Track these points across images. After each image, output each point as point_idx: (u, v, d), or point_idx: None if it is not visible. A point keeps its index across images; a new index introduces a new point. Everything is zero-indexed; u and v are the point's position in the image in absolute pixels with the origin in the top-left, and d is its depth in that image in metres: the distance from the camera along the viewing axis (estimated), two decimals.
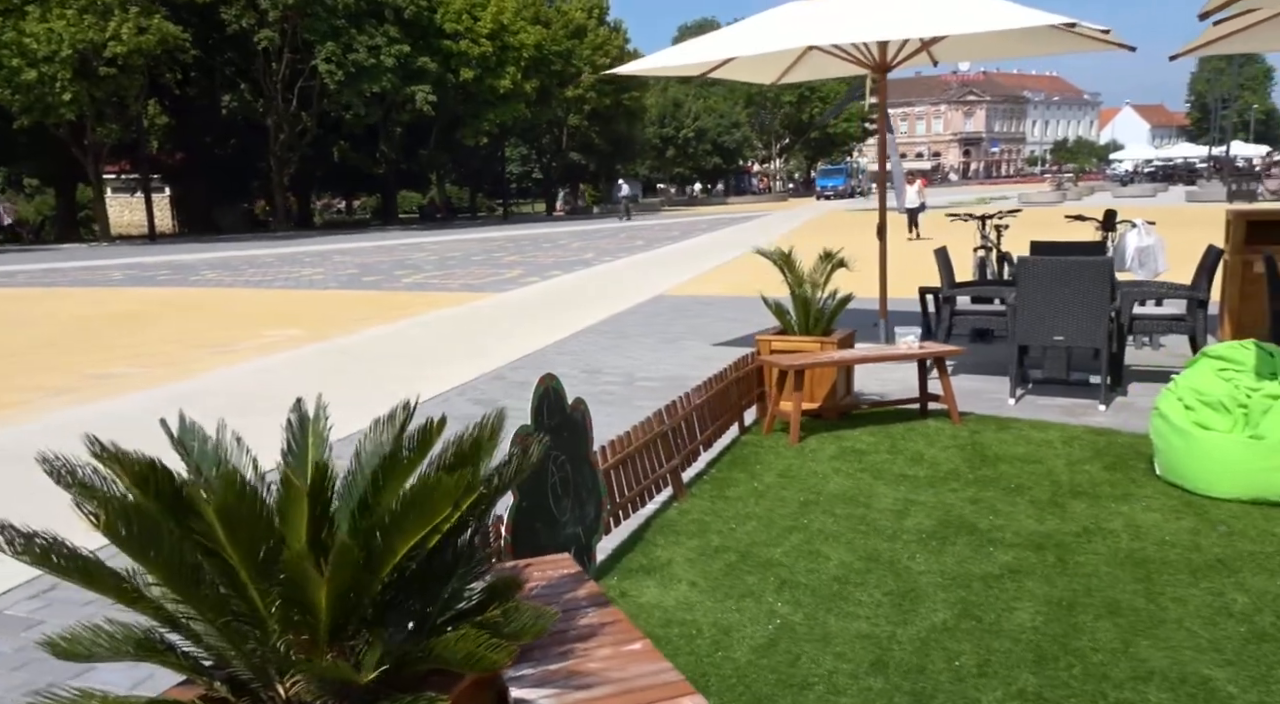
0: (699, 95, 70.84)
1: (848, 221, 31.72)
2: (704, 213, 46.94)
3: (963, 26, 6.48)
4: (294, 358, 8.19)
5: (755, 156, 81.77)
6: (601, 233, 28.82)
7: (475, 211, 55.19)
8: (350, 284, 14.78)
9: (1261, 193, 39.01)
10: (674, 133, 63.36)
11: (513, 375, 7.25)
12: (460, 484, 1.56)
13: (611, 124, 52.45)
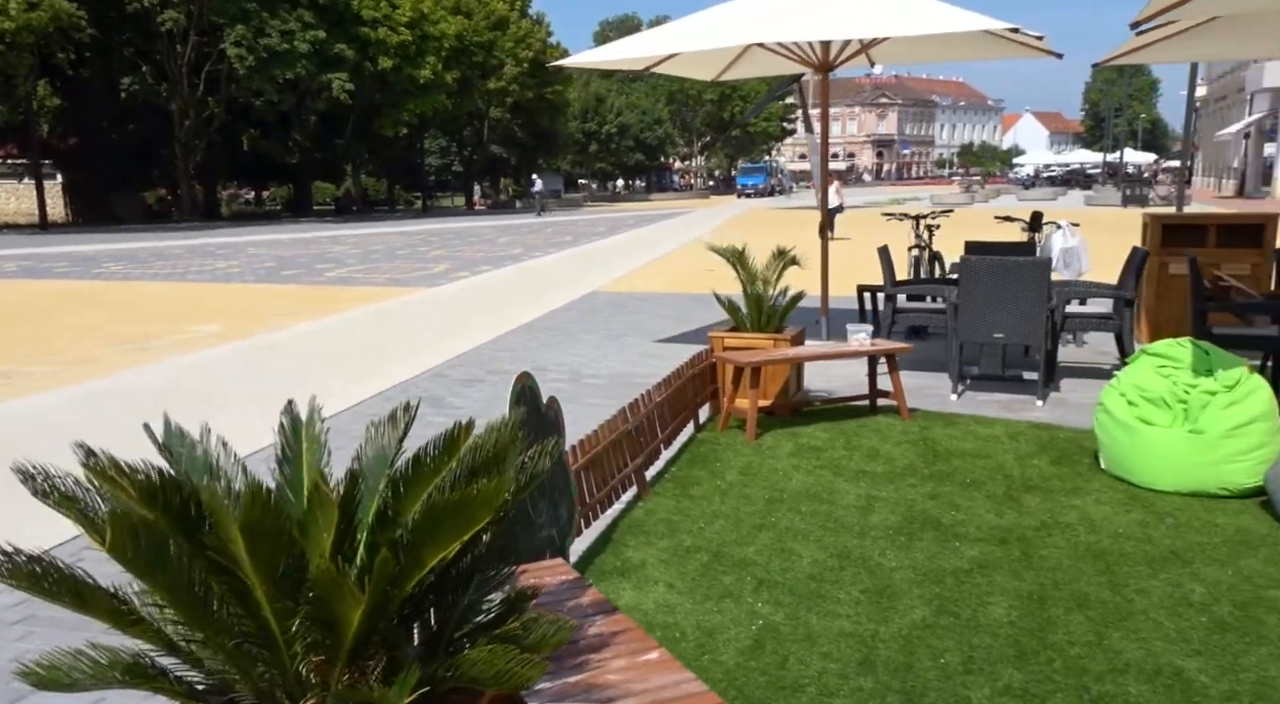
0: (621, 91, 70.85)
1: (772, 219, 32.18)
2: (627, 209, 46.97)
3: (908, 29, 6.60)
4: (218, 355, 7.85)
5: (677, 154, 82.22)
6: (527, 228, 28.55)
7: (393, 204, 54.04)
8: (269, 278, 14.28)
9: (1152, 198, 40.97)
10: (597, 128, 63.24)
11: (454, 373, 7.09)
12: (501, 491, 1.48)
13: (534, 118, 52.02)
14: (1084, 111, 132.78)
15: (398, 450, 1.76)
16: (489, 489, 1.47)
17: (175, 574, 1.41)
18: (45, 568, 1.42)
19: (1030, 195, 52.68)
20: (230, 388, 6.56)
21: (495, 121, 51.85)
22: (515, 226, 29.40)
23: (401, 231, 27.91)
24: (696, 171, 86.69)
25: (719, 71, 8.88)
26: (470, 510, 1.49)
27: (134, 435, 5.31)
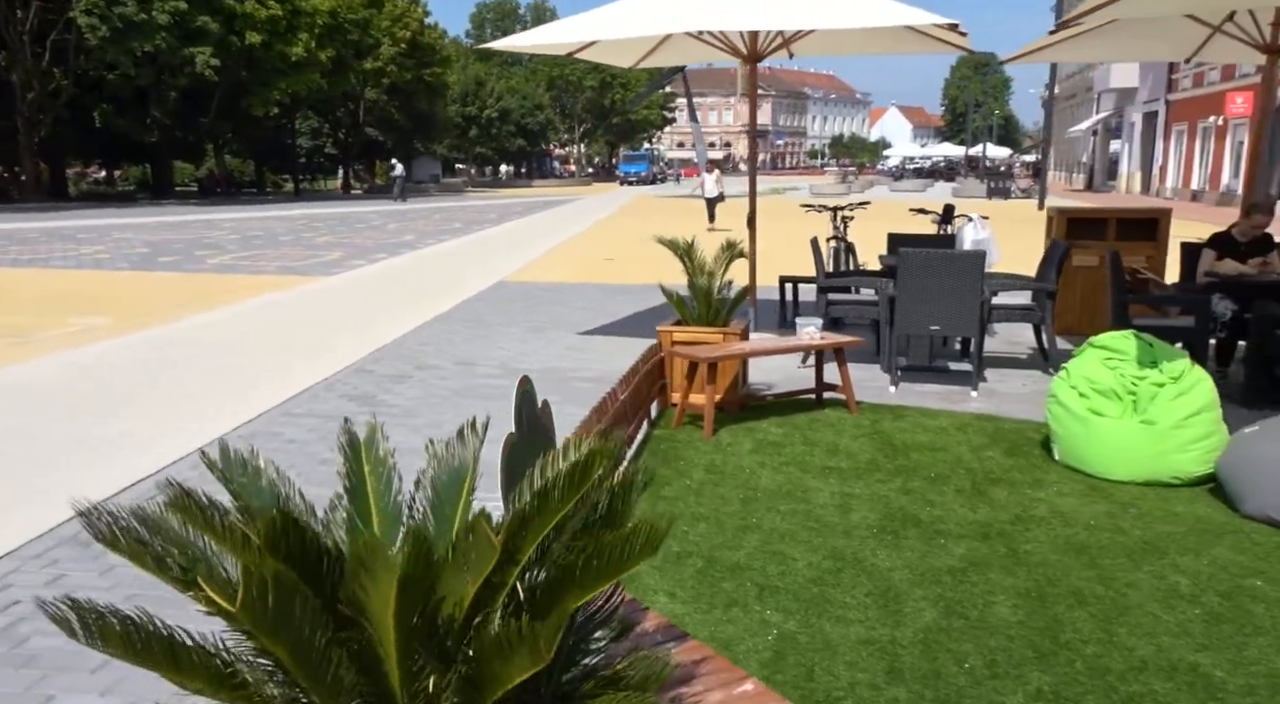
0: (501, 75, 69.67)
1: (662, 207, 32.27)
2: (512, 195, 46.27)
3: (838, 21, 6.61)
4: (111, 352, 7.22)
5: (558, 140, 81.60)
6: (414, 213, 27.69)
7: (263, 187, 51.50)
8: (145, 265, 13.31)
9: (1014, 191, 43.29)
10: (477, 112, 61.97)
11: (378, 368, 6.74)
12: (662, 528, 1.33)
13: (412, 100, 50.51)
14: (944, 107, 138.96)
15: (547, 482, 1.55)
16: (649, 528, 1.32)
17: (301, 633, 1.20)
18: (135, 627, 1.19)
19: (902, 186, 54.84)
20: (133, 388, 6.02)
21: (371, 103, 50.11)
22: (401, 212, 28.48)
23: (279, 216, 26.61)
24: (577, 158, 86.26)
25: (640, 58, 8.74)
26: (630, 549, 1.33)
27: (31, 441, 4.85)
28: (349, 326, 8.45)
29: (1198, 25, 7.35)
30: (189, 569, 1.27)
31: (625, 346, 7.55)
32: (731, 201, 28.98)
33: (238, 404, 5.66)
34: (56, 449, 4.73)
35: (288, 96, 40.30)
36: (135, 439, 4.91)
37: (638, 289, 11.09)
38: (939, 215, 8.90)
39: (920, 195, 45.70)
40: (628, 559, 1.33)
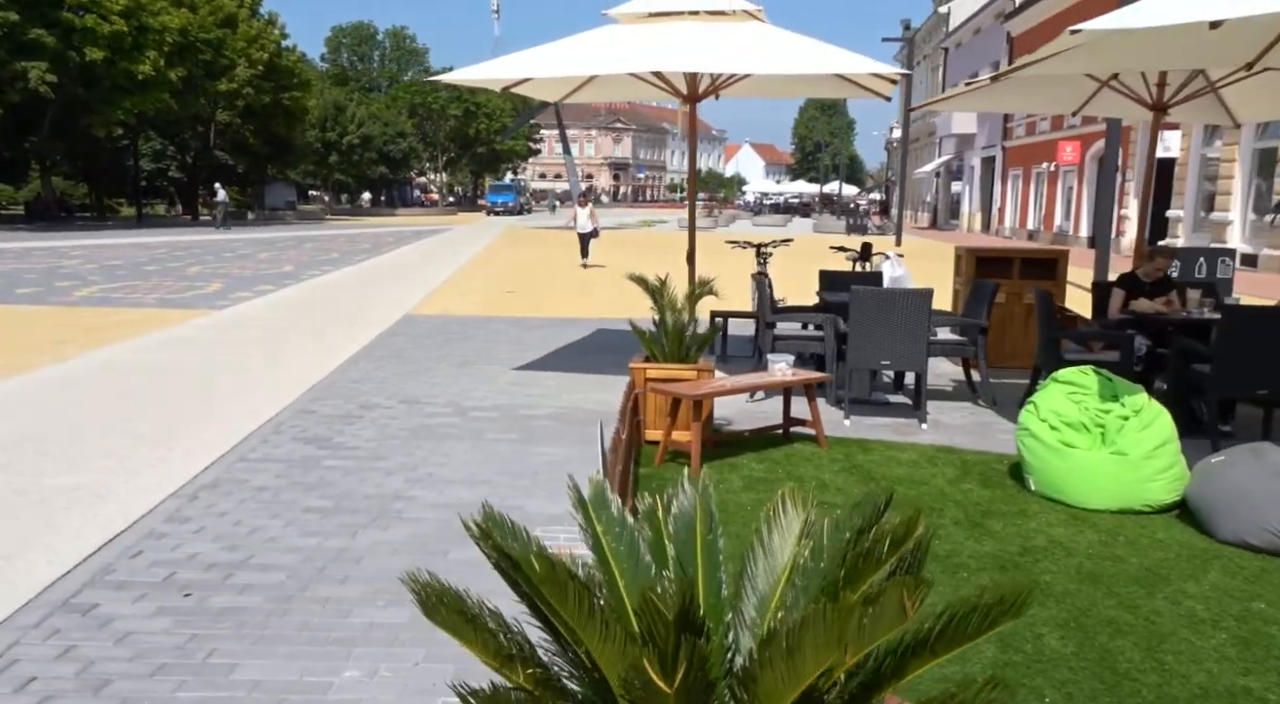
0: (361, 101, 67.98)
1: (538, 238, 32.13)
2: (376, 224, 45.05)
3: (777, 67, 6.84)
4: (12, 393, 6.54)
5: (421, 168, 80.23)
6: (282, 242, 26.49)
7: (102, 212, 48.12)
8: (2, 297, 12.16)
9: (870, 227, 45.67)
10: (337, 138, 60.14)
11: (320, 408, 6.38)
12: (1026, 596, 1.32)
13: (269, 124, 48.55)
14: (794, 145, 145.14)
15: (852, 546, 1.51)
16: (1017, 590, 1.31)
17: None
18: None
19: (762, 221, 56.81)
20: (58, 434, 5.47)
21: (223, 126, 47.83)
22: (267, 240, 27.22)
23: (133, 244, 24.89)
24: (440, 187, 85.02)
25: (568, 93, 8.74)
26: (973, 625, 1.31)
27: None
28: (269, 363, 7.99)
29: (1089, 81, 8.01)
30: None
31: (569, 382, 7.47)
32: (605, 235, 29.25)
33: (185, 450, 5.24)
34: (3, 508, 4.24)
35: (133, 116, 37.97)
36: (90, 492, 4.46)
37: (550, 323, 11.02)
38: (856, 253, 9.27)
39: (781, 229, 47.44)
40: (987, 625, 1.31)
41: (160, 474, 4.82)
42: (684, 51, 6.60)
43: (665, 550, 1.67)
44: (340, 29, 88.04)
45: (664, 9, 6.98)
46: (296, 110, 50.37)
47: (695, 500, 1.73)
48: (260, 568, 3.69)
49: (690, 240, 7.75)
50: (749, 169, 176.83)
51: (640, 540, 1.66)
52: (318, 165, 62.87)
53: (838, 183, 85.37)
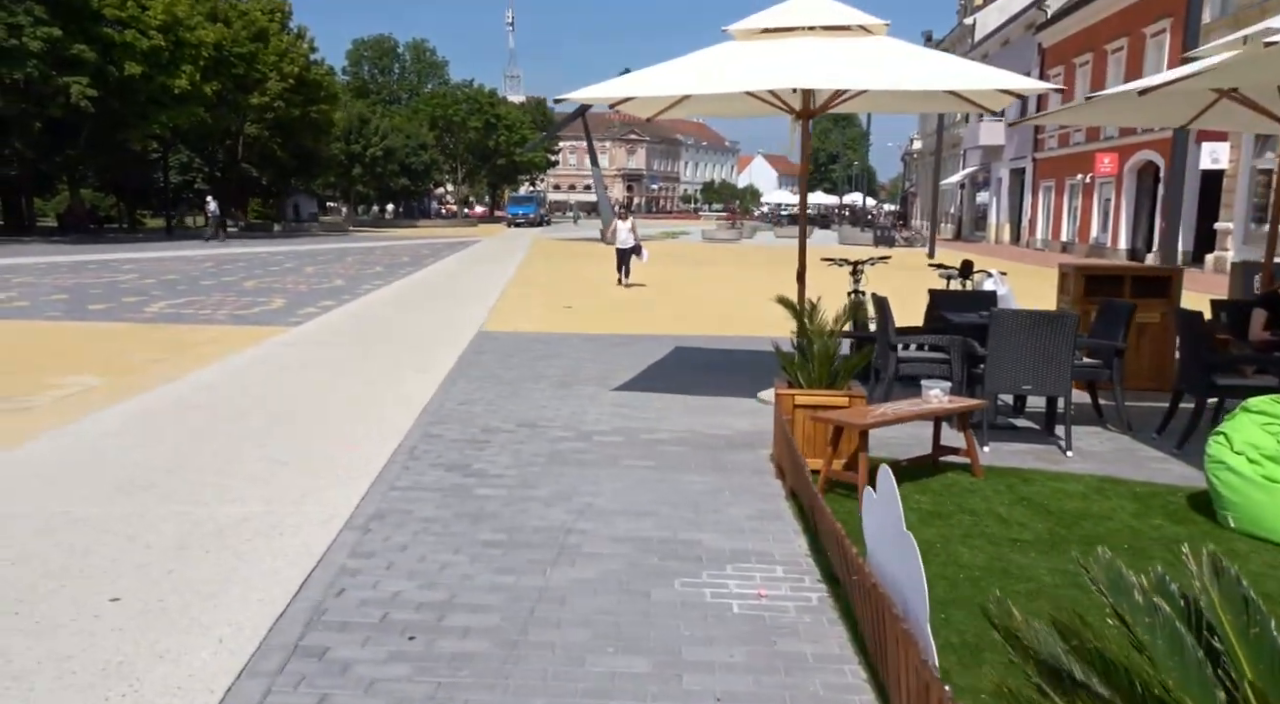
0: (385, 113, 68.34)
1: (569, 251, 32.07)
2: (402, 236, 45.18)
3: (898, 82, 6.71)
4: (135, 416, 6.45)
5: (443, 179, 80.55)
6: (321, 254, 26.52)
7: (133, 224, 48.37)
8: (78, 313, 12.12)
9: (897, 239, 45.48)
10: (361, 150, 60.39)
11: (444, 433, 6.26)
12: None
13: (296, 136, 48.82)
14: None
15: None
16: None
17: None
18: None
19: (785, 232, 56.60)
20: (198, 461, 5.37)
21: (252, 139, 48.09)
22: (307, 254, 27.25)
23: (179, 257, 24.97)
24: (460, 199, 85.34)
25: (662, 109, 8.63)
26: None
27: (129, 539, 4.27)
28: (367, 383, 7.89)
29: (1206, 94, 7.84)
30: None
31: (675, 404, 7.33)
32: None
33: (331, 477, 5.14)
34: (169, 547, 4.12)
35: (168, 130, 38.20)
36: (263, 523, 4.36)
37: (625, 340, 10.90)
38: (956, 270, 9.10)
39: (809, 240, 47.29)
40: None
41: (321, 504, 4.71)
42: (804, 69, 6.49)
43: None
44: (361, 42, 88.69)
45: (782, 25, 6.88)
46: (323, 123, 50.64)
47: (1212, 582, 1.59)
48: (470, 609, 3.57)
49: (800, 259, 7.64)
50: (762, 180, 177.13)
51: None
52: (340, 177, 63.17)
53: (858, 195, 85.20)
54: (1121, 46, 32.04)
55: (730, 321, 12.80)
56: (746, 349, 10.30)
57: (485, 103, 77.36)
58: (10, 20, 29.69)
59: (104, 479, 4.98)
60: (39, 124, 34.83)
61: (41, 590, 3.57)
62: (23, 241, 33.78)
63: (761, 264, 27.15)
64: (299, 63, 45.89)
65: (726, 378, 8.58)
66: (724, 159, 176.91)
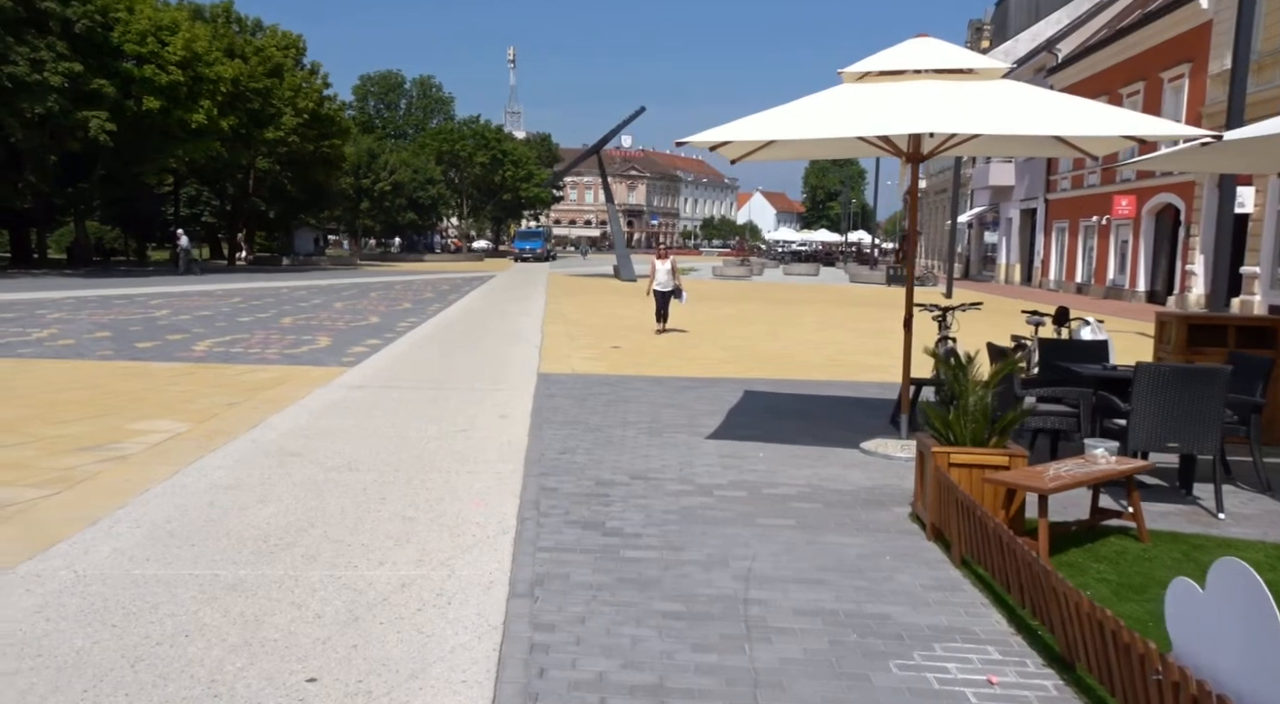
0: (394, 148, 68.60)
1: (585, 287, 31.87)
2: (413, 270, 45.09)
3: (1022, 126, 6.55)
4: (238, 465, 6.18)
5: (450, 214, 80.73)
6: (343, 290, 26.28)
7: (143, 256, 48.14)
8: (128, 352, 11.84)
9: None
10: (370, 185, 60.51)
11: (560, 485, 5.99)
12: None
13: (308, 171, 48.88)
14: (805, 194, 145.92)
15: None
16: None
17: None
18: None
19: (795, 269, 56.67)
20: (321, 521, 5.10)
21: (263, 173, 48.12)
22: (328, 289, 27.02)
23: (202, 292, 24.73)
24: (464, 233, 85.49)
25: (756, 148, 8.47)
26: None
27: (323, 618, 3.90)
28: (452, 429, 7.62)
29: None
30: None
31: (780, 455, 7.07)
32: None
33: (471, 537, 4.87)
34: (342, 619, 3.84)
35: (185, 164, 38.16)
36: (428, 591, 4.08)
37: (692, 384, 10.68)
38: (1047, 317, 8.90)
39: (815, 279, 47.28)
40: None
41: (474, 567, 4.44)
42: (920, 114, 6.34)
43: None
44: (368, 78, 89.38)
45: (896, 68, 6.75)
46: (334, 158, 50.75)
47: None
48: (689, 695, 3.30)
49: (907, 305, 7.44)
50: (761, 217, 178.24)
51: None
52: (347, 211, 63.24)
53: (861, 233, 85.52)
54: (1138, 91, 32.27)
55: (785, 364, 12.60)
56: (815, 394, 10.09)
57: (492, 138, 77.84)
58: (33, 55, 29.73)
59: (239, 538, 4.71)
60: (54, 157, 34.76)
61: (230, 668, 3.29)
62: (34, 274, 33.57)
63: (785, 302, 27.04)
64: (313, 98, 46.08)
65: (813, 425, 8.35)
66: (723, 195, 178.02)
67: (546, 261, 63.43)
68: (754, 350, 14.44)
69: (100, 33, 32.42)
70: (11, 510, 5.05)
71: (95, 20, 32.14)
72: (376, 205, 62.31)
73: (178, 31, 35.03)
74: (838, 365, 12.63)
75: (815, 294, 32.72)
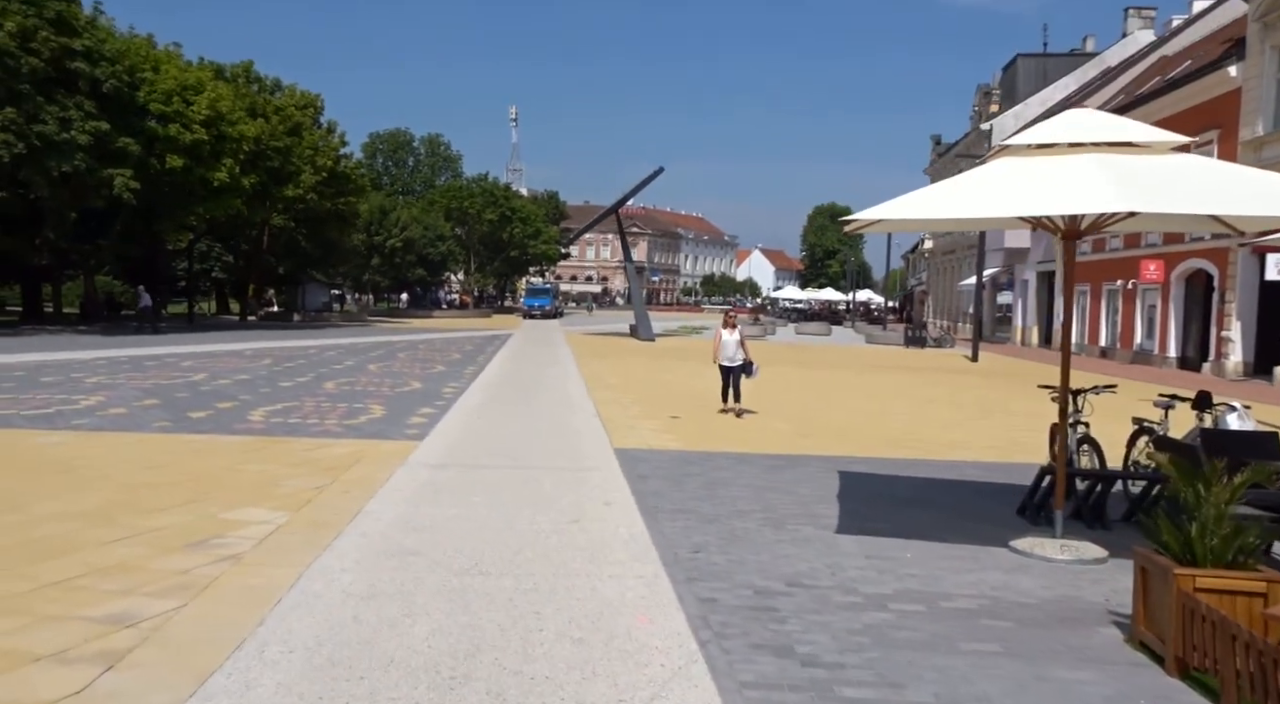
0: (405, 205, 68.85)
1: (612, 348, 31.34)
2: (425, 327, 44.71)
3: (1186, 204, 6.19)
4: (361, 568, 5.64)
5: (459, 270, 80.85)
6: (369, 350, 25.79)
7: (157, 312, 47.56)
8: (183, 425, 11.29)
9: (928, 339, 45.30)
10: (382, 241, 60.53)
11: (718, 596, 5.45)
12: None
13: (322, 228, 48.81)
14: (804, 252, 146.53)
15: None
16: None
17: None
18: None
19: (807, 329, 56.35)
20: (489, 645, 4.55)
21: (278, 229, 48.02)
22: (353, 348, 26.55)
23: (229, 351, 24.27)
24: (469, 289, 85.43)
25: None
26: None
27: None
28: (572, 523, 7.10)
29: None
30: None
31: (929, 556, 6.55)
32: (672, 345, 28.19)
33: (659, 668, 4.33)
34: None
35: (205, 222, 37.99)
36: None
37: (779, 462, 10.22)
38: (1183, 402, 8.39)
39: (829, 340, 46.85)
40: None
41: None
42: (1088, 192, 5.97)
43: None
44: (378, 136, 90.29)
45: (1059, 141, 6.41)
46: (349, 214, 50.72)
47: None
48: None
49: (1063, 390, 6.97)
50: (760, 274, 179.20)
51: None
52: (358, 268, 63.13)
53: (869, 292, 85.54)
54: None
55: (860, 439, 12.16)
56: (915, 477, 9.64)
57: (500, 195, 78.31)
58: (62, 114, 29.67)
59: (407, 668, 4.17)
60: (75, 214, 34.53)
61: None
62: (49, 331, 33.12)
63: (816, 365, 26.67)
64: (330, 156, 46.21)
65: (936, 515, 7.86)
66: (723, 252, 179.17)
67: (555, 318, 63.23)
68: (817, 421, 13.97)
69: (127, 92, 32.43)
70: (147, 627, 4.51)
71: (123, 80, 32.18)
72: (387, 261, 62.24)
73: (202, 91, 35.12)
74: (915, 441, 12.17)
75: (839, 357, 32.36)
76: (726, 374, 14.24)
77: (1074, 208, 6.08)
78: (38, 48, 28.94)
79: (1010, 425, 14.27)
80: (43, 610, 4.71)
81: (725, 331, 14.33)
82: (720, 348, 14.25)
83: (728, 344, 14.18)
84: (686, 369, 23.44)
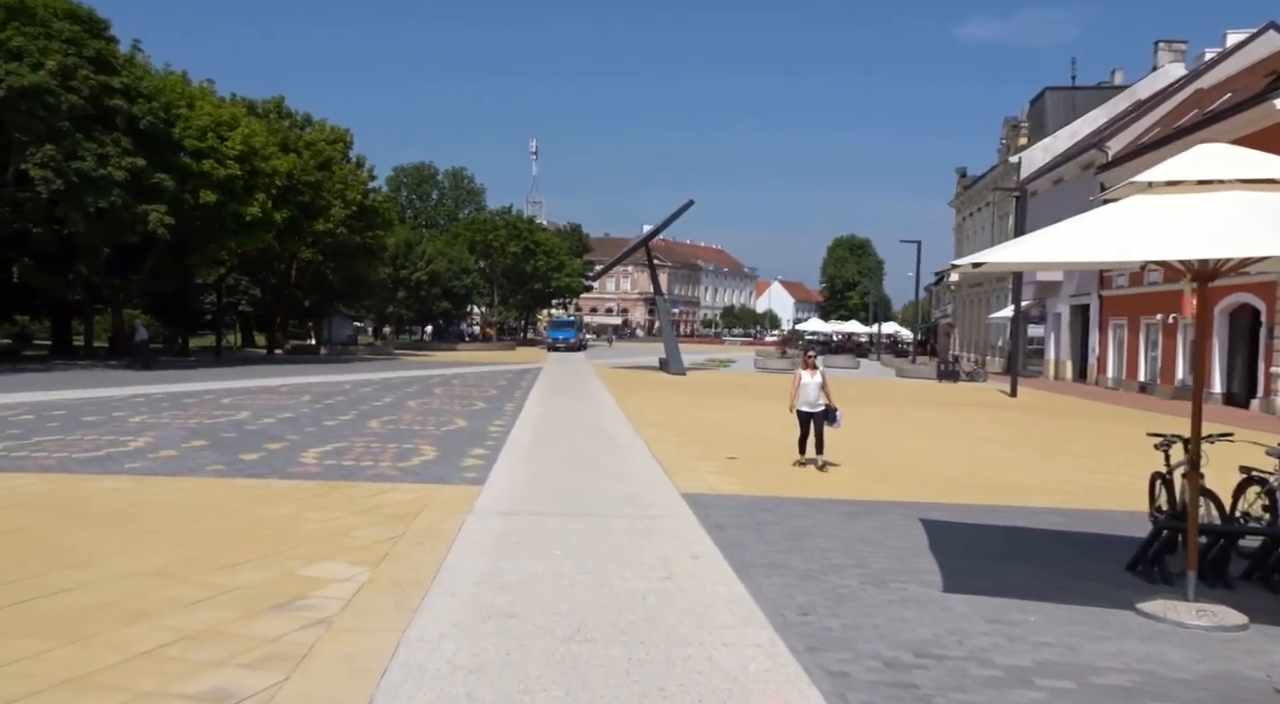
0: (431, 238, 69.13)
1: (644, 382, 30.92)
2: (451, 360, 44.57)
3: None
4: (460, 633, 5.25)
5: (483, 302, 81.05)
6: (406, 385, 25.53)
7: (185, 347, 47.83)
8: (237, 468, 10.96)
9: (961, 373, 44.67)
10: (408, 274, 60.69)
11: (847, 668, 5.04)
12: None
13: (350, 261, 48.94)
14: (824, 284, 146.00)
15: None
16: None
17: None
18: None
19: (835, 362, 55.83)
20: None
21: (306, 263, 48.18)
22: (389, 384, 26.29)
23: (262, 386, 24.08)
24: (492, 322, 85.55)
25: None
26: None
27: None
28: (665, 580, 6.70)
29: None
30: None
31: (1049, 619, 6.11)
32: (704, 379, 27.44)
33: None
34: None
35: (236, 256, 38.10)
36: None
37: (854, 509, 9.82)
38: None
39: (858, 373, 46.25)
40: None
41: None
42: (1230, 234, 5.62)
43: None
44: (402, 169, 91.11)
45: (1193, 178, 6.06)
46: (377, 248, 50.87)
47: None
48: None
49: (1195, 445, 6.54)
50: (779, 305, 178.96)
51: None
52: (383, 301, 63.27)
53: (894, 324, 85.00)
54: None
55: (930, 483, 11.72)
56: (1004, 526, 9.22)
57: (524, 228, 78.62)
58: (100, 151, 29.85)
59: None
60: (108, 249, 34.66)
61: None
62: (80, 366, 33.12)
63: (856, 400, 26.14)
64: (359, 189, 46.45)
65: (1043, 572, 7.40)
66: (743, 284, 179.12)
67: (580, 351, 63.04)
68: (880, 461, 13.54)
69: (163, 128, 32.65)
70: None
71: (159, 117, 32.42)
72: (413, 294, 62.35)
73: (236, 127, 35.36)
74: (980, 484, 11.75)
75: (874, 391, 31.84)
76: (807, 421, 12.71)
77: (1227, 251, 5.70)
78: (77, 86, 29.20)
79: (1073, 467, 13.78)
80: (139, 686, 4.35)
81: (805, 373, 12.92)
82: (800, 391, 12.75)
83: (808, 387, 12.70)
84: (725, 405, 23.08)
